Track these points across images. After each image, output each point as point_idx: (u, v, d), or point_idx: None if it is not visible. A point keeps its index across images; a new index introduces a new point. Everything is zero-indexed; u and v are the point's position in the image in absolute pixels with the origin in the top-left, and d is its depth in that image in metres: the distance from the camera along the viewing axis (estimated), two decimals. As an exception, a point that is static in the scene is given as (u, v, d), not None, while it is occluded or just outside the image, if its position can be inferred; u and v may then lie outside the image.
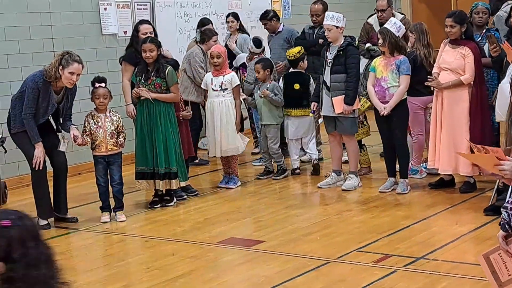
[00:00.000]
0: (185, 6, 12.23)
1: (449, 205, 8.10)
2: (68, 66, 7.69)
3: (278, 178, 9.73)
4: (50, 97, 7.78)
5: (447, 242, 6.84)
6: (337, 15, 8.80)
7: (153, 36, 8.89)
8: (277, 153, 9.75)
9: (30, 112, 7.75)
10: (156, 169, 8.49)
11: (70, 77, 7.71)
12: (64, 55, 7.79)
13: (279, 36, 11.00)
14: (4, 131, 8.85)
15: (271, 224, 7.79)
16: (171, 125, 8.51)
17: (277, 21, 11.14)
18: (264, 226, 7.73)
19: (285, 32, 11.07)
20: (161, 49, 8.50)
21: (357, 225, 7.62)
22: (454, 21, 8.28)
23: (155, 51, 8.40)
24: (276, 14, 11.26)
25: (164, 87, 8.48)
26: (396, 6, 15.67)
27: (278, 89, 9.64)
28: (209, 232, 7.63)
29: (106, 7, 11.14)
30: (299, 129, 9.72)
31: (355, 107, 8.76)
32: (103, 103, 8.10)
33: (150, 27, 9.27)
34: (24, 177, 9.78)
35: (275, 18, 11.11)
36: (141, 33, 9.15)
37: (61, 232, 7.88)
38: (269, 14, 11.13)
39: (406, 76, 8.46)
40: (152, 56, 8.40)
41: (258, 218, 8.08)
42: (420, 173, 9.28)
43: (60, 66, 7.69)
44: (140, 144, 8.54)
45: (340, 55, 8.73)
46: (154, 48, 8.39)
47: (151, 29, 9.21)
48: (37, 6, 10.36)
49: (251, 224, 7.96)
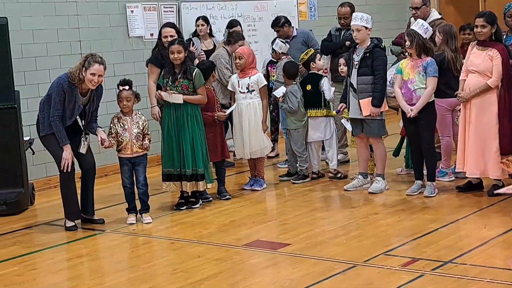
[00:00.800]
0: (211, 8, 12.24)
1: (477, 209, 8.03)
2: (89, 68, 7.74)
3: (297, 182, 9.66)
4: (76, 99, 7.82)
5: (475, 246, 6.78)
6: (366, 16, 8.77)
7: (180, 38, 8.88)
8: (302, 157, 9.69)
9: (57, 114, 7.79)
10: (183, 170, 8.50)
11: (92, 78, 7.75)
12: (88, 57, 7.84)
13: (295, 40, 10.88)
14: (32, 133, 8.89)
15: (297, 226, 7.77)
16: (198, 126, 8.52)
17: (289, 26, 10.96)
18: (290, 228, 7.71)
19: (300, 36, 10.97)
20: (194, 50, 8.49)
21: (384, 228, 7.57)
22: (486, 21, 8.21)
23: (183, 53, 8.41)
24: (288, 20, 11.07)
25: (191, 89, 8.49)
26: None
27: (290, 95, 9.53)
28: (234, 234, 7.62)
29: (133, 10, 11.18)
30: (314, 131, 9.64)
31: (383, 109, 8.72)
32: (127, 106, 8.12)
33: (173, 30, 9.27)
34: (51, 178, 9.85)
35: (286, 23, 10.91)
36: (163, 37, 9.20)
37: (88, 234, 7.90)
38: (280, 21, 10.91)
39: (433, 78, 8.40)
40: (180, 57, 8.41)
41: (284, 220, 8.06)
42: (449, 175, 9.22)
43: (83, 68, 7.75)
44: (166, 146, 8.55)
45: (367, 57, 8.69)
46: (181, 50, 8.41)
47: (173, 32, 9.21)
48: (65, 9, 10.42)
49: (277, 226, 7.94)
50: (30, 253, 7.37)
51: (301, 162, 9.72)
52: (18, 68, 9.48)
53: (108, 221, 8.25)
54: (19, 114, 9.02)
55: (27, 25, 9.98)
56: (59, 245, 7.64)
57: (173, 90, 8.45)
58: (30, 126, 9.15)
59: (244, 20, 12.47)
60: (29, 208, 9.11)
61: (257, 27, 12.85)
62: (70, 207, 8.05)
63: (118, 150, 8.19)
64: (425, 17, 9.89)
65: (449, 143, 9.13)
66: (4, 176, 8.91)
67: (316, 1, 14.01)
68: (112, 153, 8.96)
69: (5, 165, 8.92)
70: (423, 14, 10.03)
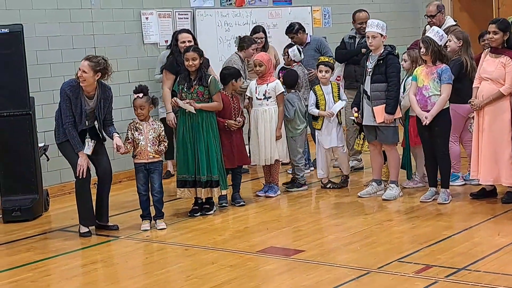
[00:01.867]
0: (226, 15, 12.27)
1: (491, 216, 8.01)
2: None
3: (291, 190, 9.64)
4: (81, 103, 7.83)
5: (489, 253, 6.76)
6: (381, 23, 8.79)
7: (196, 45, 8.91)
8: (297, 166, 9.65)
9: (69, 121, 7.83)
10: (197, 177, 8.52)
11: (79, 73, 7.81)
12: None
13: (308, 47, 10.88)
14: (47, 139, 8.94)
15: (311, 233, 7.77)
16: (213, 133, 8.54)
17: (303, 32, 10.97)
18: (304, 235, 7.71)
19: (313, 43, 10.97)
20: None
21: (397, 235, 7.57)
22: (498, 27, 8.22)
23: (198, 60, 8.44)
24: (302, 26, 11.08)
25: (206, 96, 8.51)
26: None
27: (287, 102, 9.44)
28: (248, 241, 7.63)
29: (148, 17, 11.22)
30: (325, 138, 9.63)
31: (396, 116, 8.72)
32: (141, 114, 8.13)
33: (189, 36, 9.32)
34: (65, 184, 9.89)
35: (301, 30, 10.92)
36: (180, 42, 9.24)
37: (102, 240, 7.92)
38: (294, 27, 10.93)
39: (448, 85, 8.39)
40: (195, 64, 8.43)
41: (298, 227, 8.06)
42: (460, 180, 9.24)
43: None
44: (181, 152, 8.57)
45: (380, 64, 8.70)
46: (196, 57, 8.43)
47: (190, 38, 9.27)
48: (80, 16, 10.48)
49: (291, 233, 7.94)
50: (44, 259, 7.40)
51: (297, 171, 9.70)
52: (33, 75, 9.53)
53: (122, 228, 8.27)
54: (34, 121, 9.06)
55: (42, 32, 10.04)
56: (74, 251, 7.67)
57: (188, 97, 8.48)
58: (44, 133, 9.20)
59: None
60: (44, 215, 9.14)
61: (272, 34, 12.82)
62: (84, 213, 8.07)
63: (133, 156, 8.22)
64: (440, 24, 9.90)
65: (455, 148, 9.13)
66: (19, 182, 8.95)
67: (330, 9, 14.03)
68: (126, 160, 9.00)
69: (20, 171, 8.96)
70: (438, 21, 10.04)
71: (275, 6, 13.12)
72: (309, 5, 13.63)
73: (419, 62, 8.85)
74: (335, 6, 14.06)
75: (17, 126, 8.95)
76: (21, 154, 8.96)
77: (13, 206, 8.85)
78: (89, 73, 7.79)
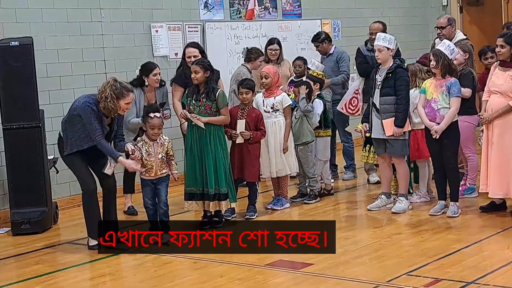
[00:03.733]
0: (235, 28, 12.29)
1: (501, 229, 7.98)
2: (124, 97, 7.76)
3: (310, 202, 9.64)
4: (102, 121, 7.85)
5: (498, 267, 6.73)
6: (389, 36, 8.80)
7: (202, 58, 8.91)
8: (312, 178, 9.66)
9: (99, 134, 7.74)
10: (205, 190, 8.52)
11: (127, 106, 7.85)
12: (116, 87, 7.77)
13: (330, 58, 10.96)
14: (56, 152, 8.95)
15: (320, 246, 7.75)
16: (221, 146, 8.54)
17: (329, 43, 11.07)
18: (313, 248, 7.69)
19: (335, 54, 11.03)
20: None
21: (407, 248, 7.55)
22: (505, 41, 8.24)
23: (201, 73, 8.40)
24: (328, 36, 11.19)
25: (214, 109, 8.50)
26: (447, 27, 15.61)
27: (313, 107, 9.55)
28: (257, 254, 7.61)
29: (158, 30, 11.25)
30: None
31: (406, 129, 8.71)
32: (157, 134, 8.13)
33: (196, 50, 9.33)
34: (75, 197, 9.88)
35: (326, 40, 11.04)
36: (186, 56, 9.27)
37: (111, 253, 7.90)
38: (320, 36, 11.08)
39: (457, 98, 8.39)
40: (197, 78, 8.42)
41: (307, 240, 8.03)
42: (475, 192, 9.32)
43: (114, 97, 7.73)
44: (189, 165, 8.57)
45: (389, 77, 8.70)
46: (198, 70, 8.40)
47: (196, 52, 9.28)
48: (89, 29, 10.51)
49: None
50: (53, 272, 7.40)
51: (311, 183, 9.69)
52: (43, 87, 9.55)
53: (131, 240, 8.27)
54: (43, 133, 9.08)
55: (52, 45, 10.06)
56: (82, 264, 7.66)
57: (196, 110, 8.48)
58: (54, 145, 9.20)
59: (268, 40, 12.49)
60: (53, 227, 9.15)
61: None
62: (92, 226, 8.07)
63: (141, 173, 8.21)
64: (450, 37, 9.90)
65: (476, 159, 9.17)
66: (28, 194, 8.96)
67: (340, 22, 14.04)
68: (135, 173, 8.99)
69: (29, 184, 8.97)
70: (448, 34, 10.03)
71: (284, 19, 13.13)
72: (319, 18, 13.64)
73: (418, 75, 8.92)
74: (345, 19, 14.08)
75: (27, 138, 8.97)
76: (30, 166, 8.98)
77: (22, 219, 8.86)
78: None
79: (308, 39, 11.66)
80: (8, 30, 9.58)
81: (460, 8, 15.75)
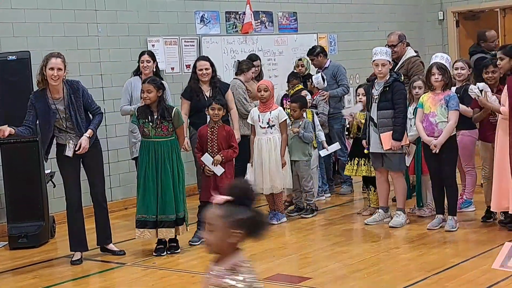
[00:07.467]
0: (232, 42, 12.31)
1: (499, 244, 7.96)
2: (47, 64, 7.78)
3: (308, 216, 9.63)
4: (48, 104, 7.83)
5: (497, 281, 6.71)
6: (389, 50, 8.86)
7: (154, 77, 8.61)
8: (310, 192, 9.66)
9: (24, 122, 7.82)
10: (159, 217, 8.06)
11: (51, 73, 7.75)
12: (45, 56, 7.90)
13: (326, 72, 11.00)
14: (53, 166, 8.94)
15: (317, 260, 7.75)
16: (178, 159, 8.12)
17: (324, 57, 11.15)
18: (311, 262, 7.69)
19: (331, 68, 11.08)
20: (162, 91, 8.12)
21: (405, 262, 7.54)
22: (503, 53, 8.26)
23: (153, 92, 7.98)
24: (324, 50, 11.27)
25: (171, 129, 8.09)
26: (443, 41, 15.71)
27: (310, 126, 9.59)
28: (255, 268, 7.55)
29: (154, 44, 11.26)
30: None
31: (404, 143, 8.71)
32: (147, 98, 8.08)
33: (207, 63, 9.24)
34: (72, 211, 9.85)
35: (321, 54, 11.12)
36: (198, 69, 9.22)
37: (108, 267, 7.91)
38: (315, 50, 11.16)
39: (455, 112, 8.38)
40: (150, 97, 7.98)
41: (305, 254, 8.04)
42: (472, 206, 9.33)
43: (43, 68, 7.80)
44: (142, 189, 8.10)
45: (387, 91, 8.70)
46: (151, 89, 7.97)
47: (208, 65, 9.20)
48: (86, 43, 10.53)
49: (297, 260, 7.92)
50: (50, 286, 7.38)
51: (308, 197, 9.70)
52: (40, 102, 9.53)
53: (128, 254, 8.26)
54: (40, 147, 9.06)
55: (49, 59, 10.06)
56: (79, 278, 7.65)
57: (152, 133, 8.03)
58: (51, 159, 9.19)
59: (264, 54, 12.54)
60: (50, 241, 9.13)
61: (277, 61, 12.92)
62: (74, 239, 8.09)
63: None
64: (401, 54, 10.03)
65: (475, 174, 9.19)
66: (25, 209, 8.95)
67: (336, 36, 14.08)
68: (133, 187, 8.97)
69: (26, 198, 8.97)
70: (400, 51, 10.07)
71: (281, 33, 13.17)
72: (315, 32, 13.69)
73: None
74: (341, 33, 14.14)
75: (24, 152, 8.98)
76: (28, 180, 8.98)
77: (19, 233, 8.85)
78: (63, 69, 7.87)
79: (304, 53, 11.69)
80: (6, 44, 9.61)
81: (456, 22, 15.80)
